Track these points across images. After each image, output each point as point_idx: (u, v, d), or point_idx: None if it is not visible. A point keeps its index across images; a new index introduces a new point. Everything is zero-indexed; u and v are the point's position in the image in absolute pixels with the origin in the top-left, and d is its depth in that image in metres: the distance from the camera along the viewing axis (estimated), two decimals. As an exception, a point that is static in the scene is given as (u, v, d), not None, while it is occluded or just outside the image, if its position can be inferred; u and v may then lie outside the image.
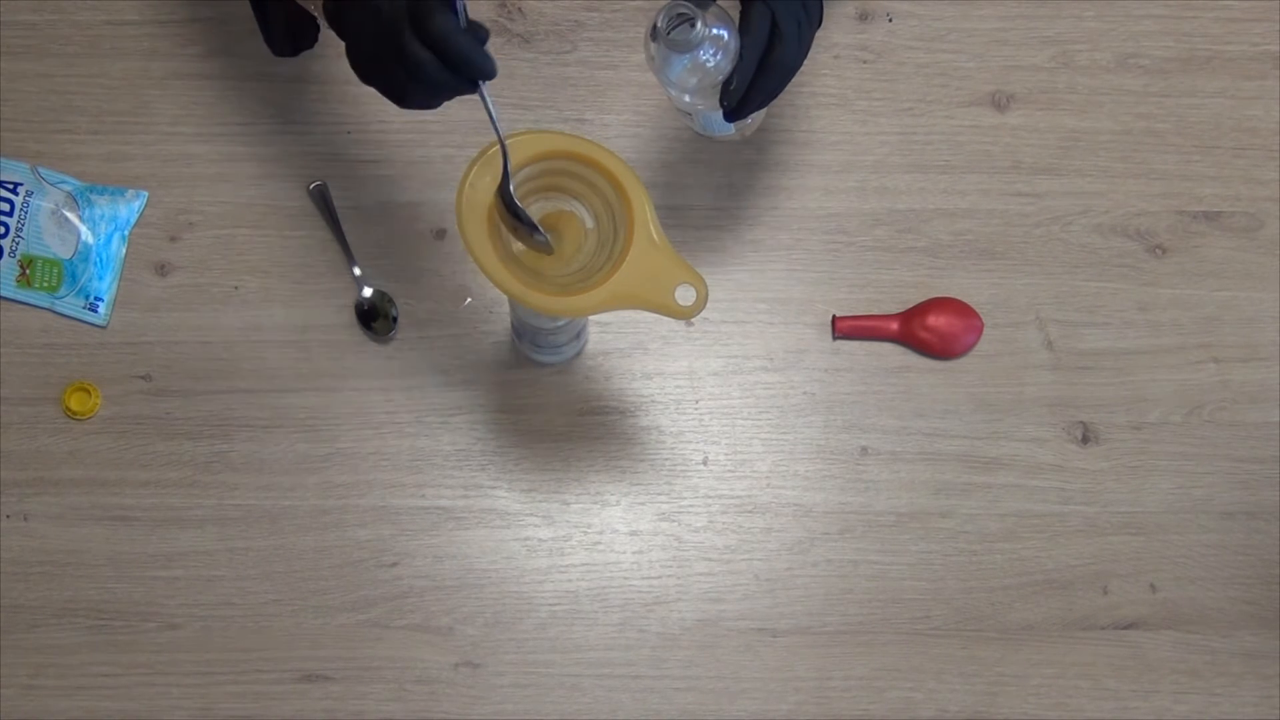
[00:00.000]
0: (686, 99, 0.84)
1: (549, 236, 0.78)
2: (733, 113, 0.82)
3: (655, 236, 0.75)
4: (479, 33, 0.72)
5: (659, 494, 1.01)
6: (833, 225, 1.04)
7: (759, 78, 0.80)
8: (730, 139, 1.03)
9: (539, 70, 1.06)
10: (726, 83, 0.81)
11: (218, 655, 0.98)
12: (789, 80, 0.82)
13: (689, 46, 0.78)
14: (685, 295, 0.75)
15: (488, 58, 0.71)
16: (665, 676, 0.98)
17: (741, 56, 0.79)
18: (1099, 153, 1.06)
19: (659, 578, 1.00)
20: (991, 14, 1.08)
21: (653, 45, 0.80)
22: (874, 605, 0.99)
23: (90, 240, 1.02)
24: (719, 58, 0.80)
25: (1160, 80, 1.07)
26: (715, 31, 0.79)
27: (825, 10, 0.84)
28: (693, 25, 0.77)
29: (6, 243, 1.01)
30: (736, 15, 0.81)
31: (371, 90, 0.77)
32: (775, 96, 0.83)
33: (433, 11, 0.70)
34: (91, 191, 1.02)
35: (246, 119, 1.05)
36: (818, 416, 1.02)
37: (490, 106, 0.74)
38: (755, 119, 0.96)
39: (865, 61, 1.06)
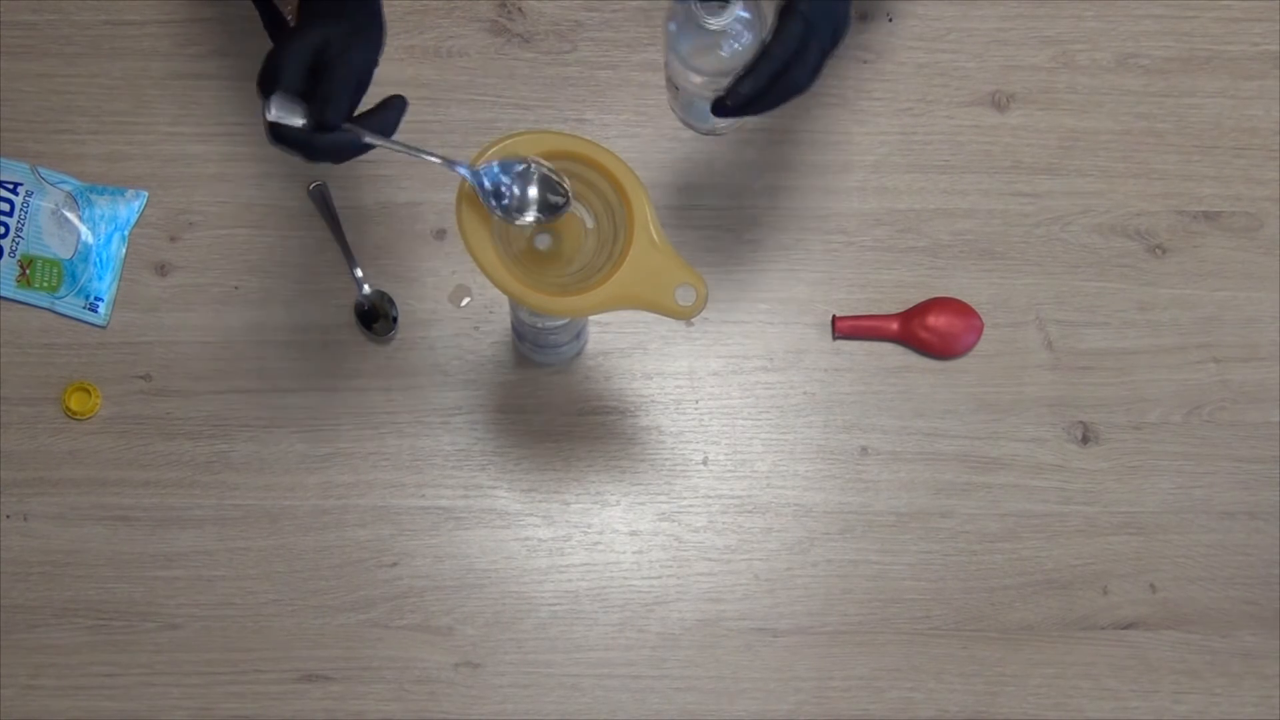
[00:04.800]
0: (693, 79, 0.81)
1: (550, 236, 0.78)
2: (726, 111, 0.80)
3: (655, 236, 0.75)
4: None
5: (659, 494, 1.01)
6: (833, 225, 1.04)
7: (767, 91, 0.79)
8: (705, 132, 1.01)
9: (539, 70, 1.06)
10: (735, 81, 0.79)
11: (218, 655, 0.98)
12: (790, 101, 0.80)
13: (715, 25, 0.76)
14: (685, 295, 0.75)
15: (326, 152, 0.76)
16: (665, 676, 0.98)
17: (757, 64, 0.77)
18: (1099, 153, 1.06)
19: (659, 578, 1.00)
20: (991, 14, 1.08)
21: (680, 8, 0.77)
22: (874, 605, 0.99)
23: (90, 240, 1.02)
24: (737, 49, 0.78)
25: (1160, 80, 1.07)
26: (745, 17, 0.77)
27: None
28: (725, 4, 0.75)
29: (6, 243, 1.01)
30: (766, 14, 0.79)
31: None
32: (770, 110, 0.81)
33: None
34: (91, 191, 1.02)
35: (246, 119, 1.05)
36: (818, 416, 1.02)
37: (402, 147, 0.78)
38: (734, 124, 0.94)
39: (865, 61, 1.06)
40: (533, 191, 0.76)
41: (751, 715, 0.98)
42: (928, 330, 1.01)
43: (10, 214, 1.01)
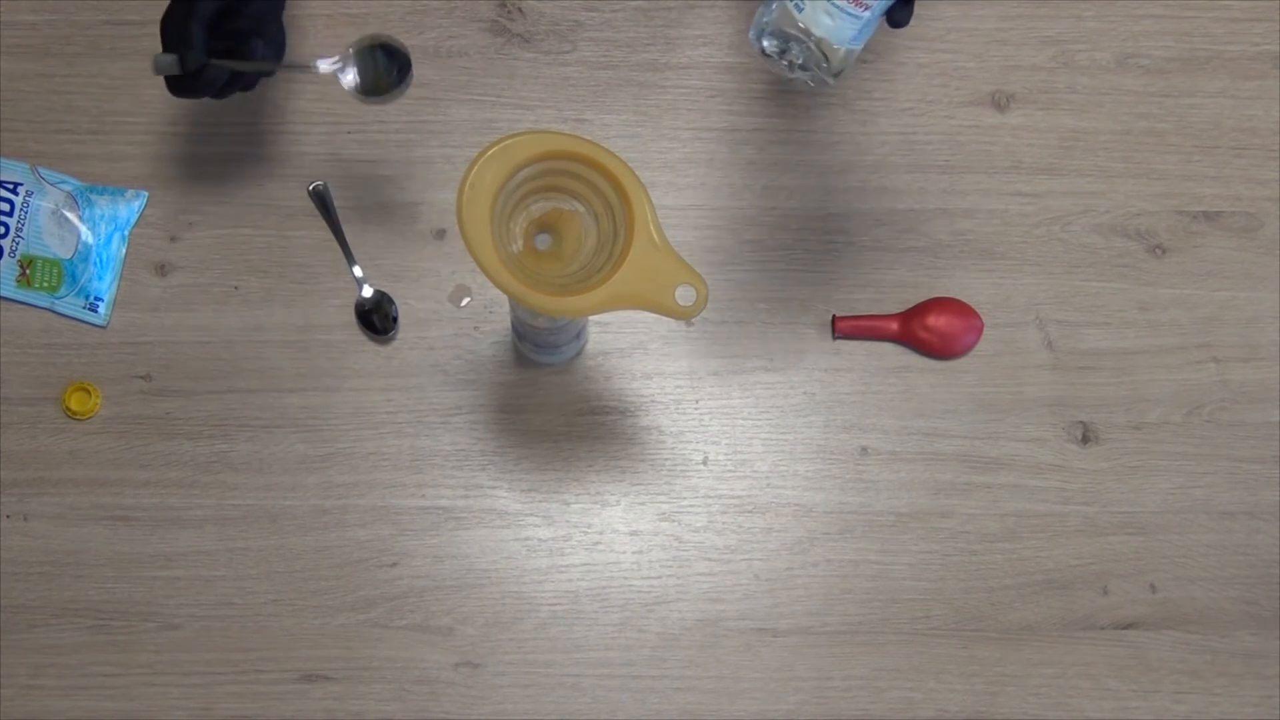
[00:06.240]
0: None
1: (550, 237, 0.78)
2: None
3: (655, 236, 0.75)
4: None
5: (659, 494, 1.01)
6: (833, 225, 1.04)
7: None
8: (831, 70, 0.93)
9: (539, 70, 1.06)
10: None
11: (218, 655, 0.98)
12: None
13: None
14: (685, 295, 0.75)
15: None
16: (665, 676, 0.98)
17: None
18: (1099, 153, 1.06)
19: (659, 578, 1.00)
20: (991, 14, 1.08)
21: None
22: (874, 605, 0.99)
23: (90, 240, 1.02)
24: None
25: (1160, 80, 1.07)
26: None
27: None
28: None
29: (6, 243, 1.01)
30: None
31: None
32: None
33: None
34: (91, 191, 1.02)
35: (246, 119, 1.05)
36: (818, 416, 1.02)
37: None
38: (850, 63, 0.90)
39: (865, 61, 1.06)
40: (356, 73, 0.92)
41: (751, 715, 0.98)
42: (928, 330, 1.01)
43: (10, 214, 1.01)
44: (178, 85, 0.89)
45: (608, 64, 1.06)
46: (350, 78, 0.92)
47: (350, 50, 0.91)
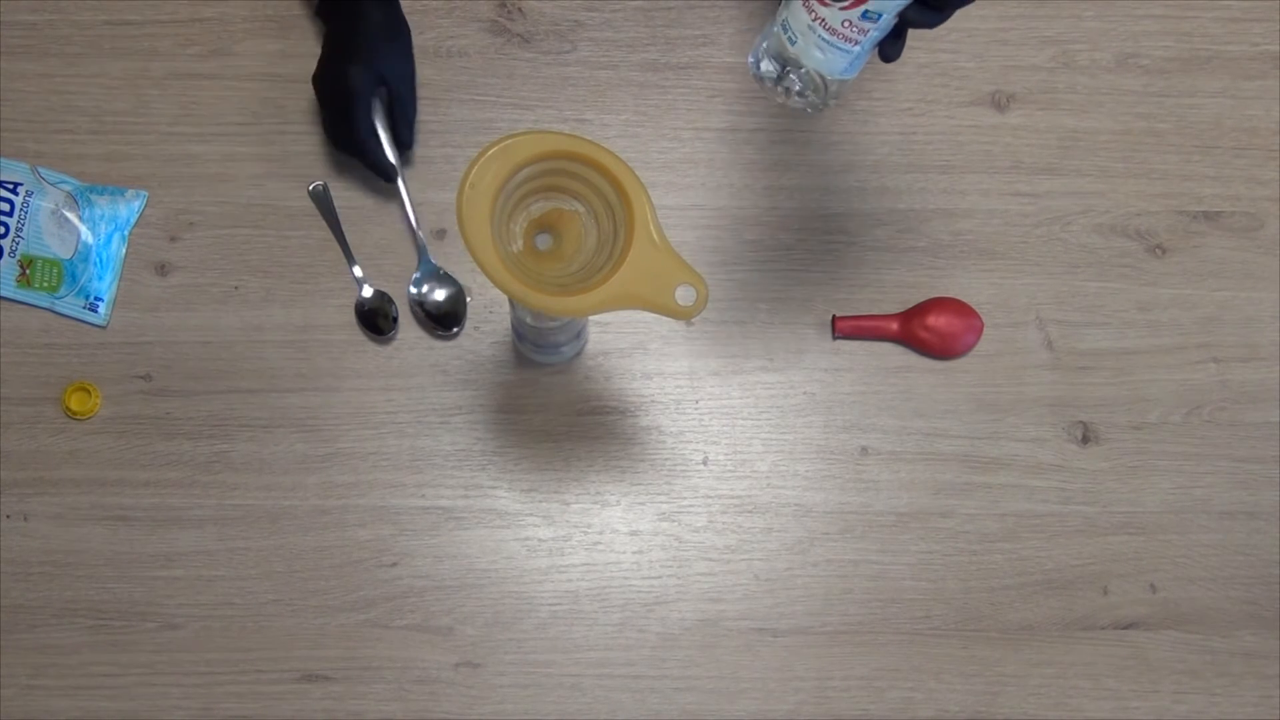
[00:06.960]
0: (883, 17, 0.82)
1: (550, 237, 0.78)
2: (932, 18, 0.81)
3: (655, 236, 0.75)
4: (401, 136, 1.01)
5: (659, 494, 1.01)
6: (833, 225, 1.04)
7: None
8: (824, 95, 0.96)
9: (539, 70, 1.06)
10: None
11: (218, 655, 0.98)
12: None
13: None
14: (685, 295, 0.75)
15: (390, 166, 1.01)
16: (665, 676, 0.98)
17: None
18: (1099, 153, 1.06)
19: (659, 578, 1.00)
20: (991, 14, 1.08)
21: None
22: (874, 605, 1.00)
23: (90, 240, 1.02)
24: None
25: (1160, 80, 1.07)
26: None
27: None
28: None
29: (6, 243, 1.01)
30: None
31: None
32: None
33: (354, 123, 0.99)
34: (91, 191, 1.02)
35: (246, 119, 1.05)
36: (818, 416, 1.02)
37: (405, 198, 1.02)
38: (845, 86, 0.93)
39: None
40: (441, 294, 1.01)
41: (751, 715, 0.98)
42: (928, 330, 1.01)
43: (10, 214, 1.01)
44: (361, 141, 0.98)
45: (608, 64, 1.06)
46: (439, 296, 1.01)
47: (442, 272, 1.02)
